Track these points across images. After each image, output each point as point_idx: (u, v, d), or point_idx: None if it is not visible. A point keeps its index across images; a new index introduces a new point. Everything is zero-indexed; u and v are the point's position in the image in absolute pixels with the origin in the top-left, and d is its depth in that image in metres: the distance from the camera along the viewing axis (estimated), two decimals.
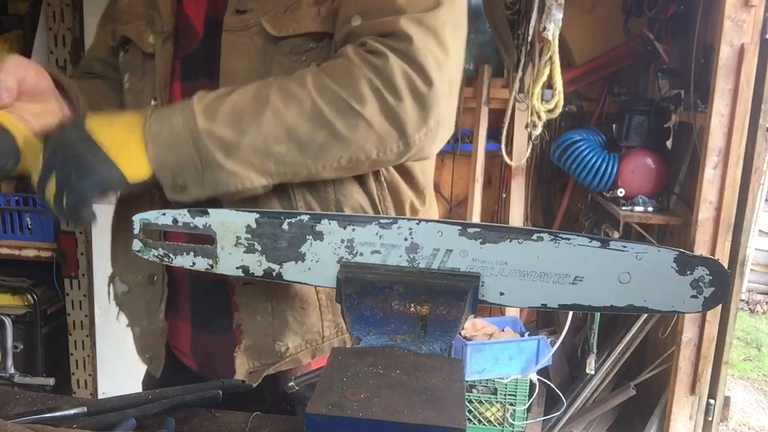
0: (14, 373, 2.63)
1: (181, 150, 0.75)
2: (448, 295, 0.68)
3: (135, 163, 0.75)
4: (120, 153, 0.74)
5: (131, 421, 0.70)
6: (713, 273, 0.68)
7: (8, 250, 2.60)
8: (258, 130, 0.75)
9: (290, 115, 0.76)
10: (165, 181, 0.76)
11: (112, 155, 0.74)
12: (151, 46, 0.90)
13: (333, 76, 0.77)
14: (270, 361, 0.90)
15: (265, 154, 0.76)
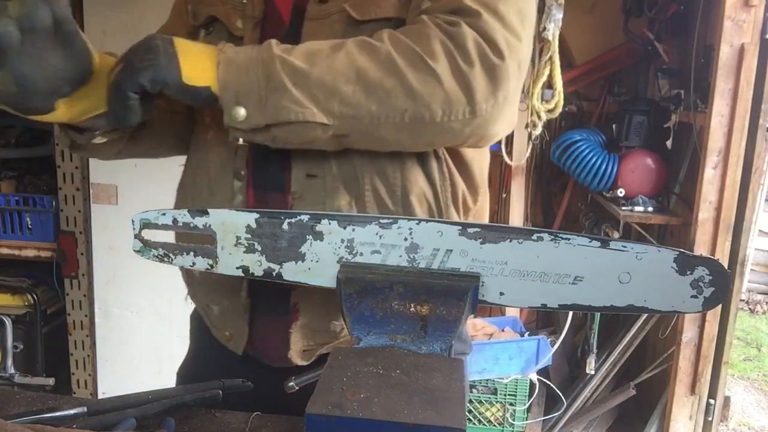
0: (14, 373, 2.63)
1: (250, 74, 0.76)
2: (448, 295, 0.68)
3: (198, 71, 0.76)
4: (187, 58, 0.76)
5: (131, 421, 0.70)
6: (713, 273, 0.68)
7: (8, 250, 2.60)
8: (329, 66, 0.76)
9: (362, 59, 0.77)
10: (227, 102, 0.76)
11: (180, 56, 0.76)
12: (240, 30, 0.91)
13: (408, 34, 0.79)
14: (324, 340, 0.91)
15: (331, 92, 0.76)
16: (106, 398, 0.78)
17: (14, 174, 2.72)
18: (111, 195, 2.52)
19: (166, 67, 0.74)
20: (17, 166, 2.78)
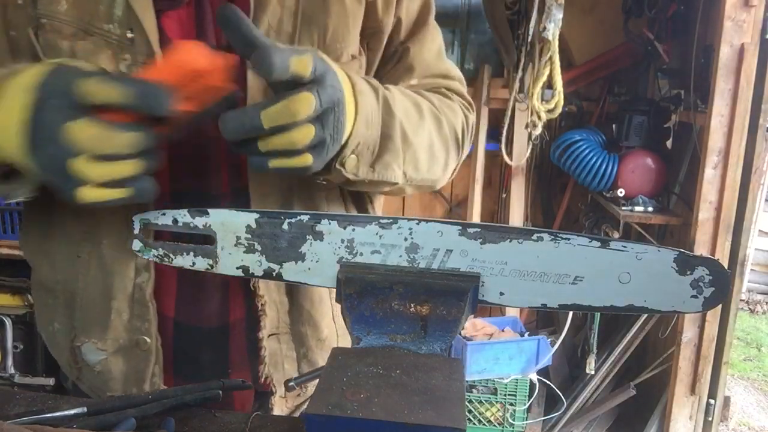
0: (14, 373, 2.63)
1: (371, 128, 0.76)
2: (448, 295, 0.68)
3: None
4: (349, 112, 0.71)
5: (131, 421, 0.70)
6: (713, 273, 0.68)
7: (8, 250, 2.60)
8: (419, 135, 0.82)
9: (434, 132, 0.86)
10: (346, 149, 0.74)
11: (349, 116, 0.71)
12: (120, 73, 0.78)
13: (450, 111, 0.92)
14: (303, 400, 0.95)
15: (416, 159, 0.82)
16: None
17: None
18: None
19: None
20: None
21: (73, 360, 0.90)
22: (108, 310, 0.85)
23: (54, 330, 0.91)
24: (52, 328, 0.91)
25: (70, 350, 0.90)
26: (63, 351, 0.91)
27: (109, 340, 0.87)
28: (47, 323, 0.92)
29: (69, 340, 0.89)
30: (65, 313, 0.89)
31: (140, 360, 0.87)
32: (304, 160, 0.67)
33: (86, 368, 0.90)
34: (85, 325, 0.88)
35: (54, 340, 0.92)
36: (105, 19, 0.77)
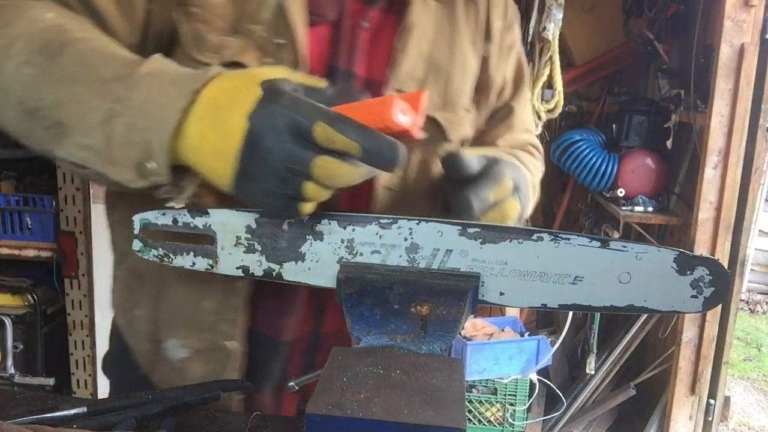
0: (14, 373, 2.63)
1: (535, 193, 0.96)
2: (448, 295, 0.68)
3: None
4: None
5: (131, 421, 0.70)
6: (713, 273, 0.68)
7: (8, 250, 2.59)
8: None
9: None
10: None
11: None
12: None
13: (537, 174, 0.97)
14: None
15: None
16: (106, 398, 0.78)
17: (14, 174, 2.72)
18: None
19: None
20: (17, 166, 2.77)
21: (151, 351, 0.88)
22: (198, 310, 0.84)
23: (134, 316, 0.88)
24: (132, 314, 0.88)
25: (151, 341, 0.87)
26: (141, 340, 0.88)
27: (194, 340, 0.85)
28: (128, 308, 0.89)
29: (150, 331, 0.87)
30: (150, 303, 0.86)
31: (220, 364, 0.85)
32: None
33: (164, 363, 0.87)
34: (172, 320, 0.85)
35: (132, 326, 0.89)
36: (251, 19, 0.76)
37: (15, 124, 0.67)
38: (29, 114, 0.65)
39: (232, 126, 0.59)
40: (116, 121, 0.61)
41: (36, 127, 0.65)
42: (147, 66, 0.64)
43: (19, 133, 0.68)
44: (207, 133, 0.60)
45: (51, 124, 0.63)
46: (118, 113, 0.61)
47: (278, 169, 0.59)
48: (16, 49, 0.65)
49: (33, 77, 0.64)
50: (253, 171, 0.60)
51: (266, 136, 0.58)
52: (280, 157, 0.59)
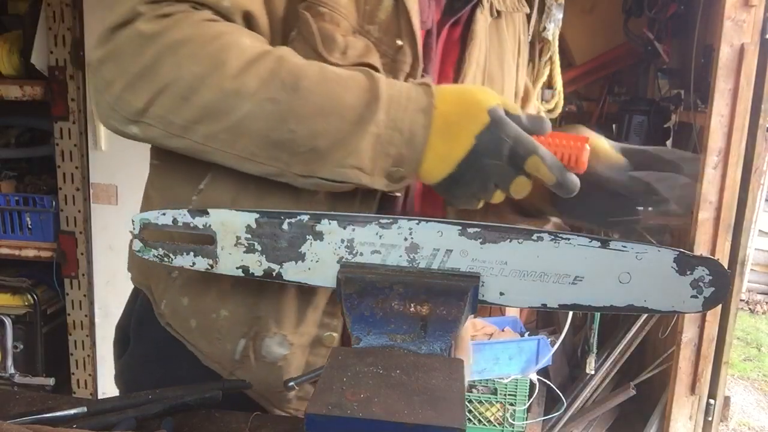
0: (14, 373, 2.63)
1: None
2: (448, 295, 0.68)
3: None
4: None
5: (131, 421, 0.70)
6: (713, 273, 0.68)
7: (8, 250, 2.60)
8: None
9: None
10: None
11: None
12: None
13: None
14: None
15: None
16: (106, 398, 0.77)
17: (14, 174, 2.72)
18: (111, 195, 2.53)
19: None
20: (17, 166, 2.78)
21: (241, 350, 0.86)
22: (307, 303, 0.84)
23: (218, 318, 0.86)
24: (216, 315, 0.86)
25: (243, 341, 0.86)
26: (224, 341, 0.86)
27: (299, 334, 0.86)
28: (208, 311, 0.86)
29: (242, 331, 0.86)
30: (246, 303, 0.85)
31: (318, 357, 0.87)
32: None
33: (256, 362, 0.86)
34: (278, 316, 0.85)
35: (213, 329, 0.86)
36: (369, 20, 0.81)
37: (247, 151, 0.73)
38: (275, 144, 0.73)
39: (461, 142, 0.73)
40: (376, 141, 0.73)
41: (281, 153, 0.73)
42: (383, 90, 0.74)
43: (248, 156, 0.74)
44: (437, 144, 0.74)
45: (305, 151, 0.72)
46: (378, 135, 0.72)
47: (486, 181, 0.74)
48: (252, 88, 0.71)
49: (279, 113, 0.72)
50: (465, 178, 0.74)
51: (487, 155, 0.73)
52: (492, 174, 0.73)
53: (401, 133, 0.73)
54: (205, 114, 0.72)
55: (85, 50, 2.41)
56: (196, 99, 0.71)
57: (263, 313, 0.85)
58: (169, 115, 0.72)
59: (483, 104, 0.73)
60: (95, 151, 2.49)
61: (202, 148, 0.74)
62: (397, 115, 0.73)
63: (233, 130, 0.72)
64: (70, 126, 2.47)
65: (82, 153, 2.50)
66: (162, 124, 0.73)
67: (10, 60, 2.49)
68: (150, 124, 0.73)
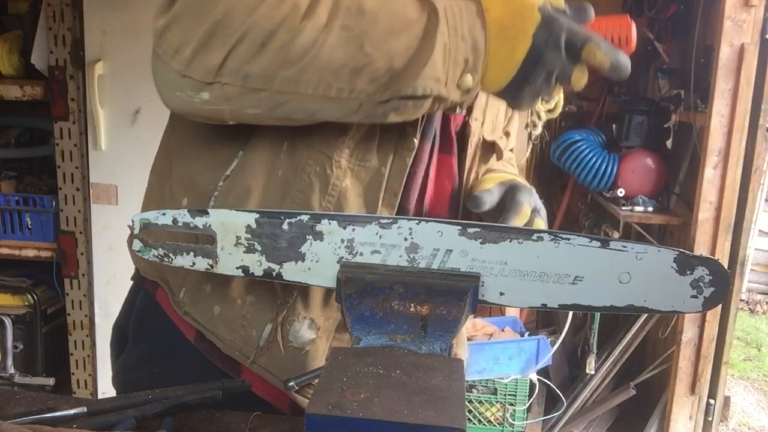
0: (14, 373, 2.63)
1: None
2: (448, 295, 0.68)
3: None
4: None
5: (131, 421, 0.70)
6: (713, 273, 0.68)
7: (8, 250, 2.60)
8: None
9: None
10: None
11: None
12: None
13: None
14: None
15: None
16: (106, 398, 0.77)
17: (14, 174, 2.73)
18: (111, 195, 2.53)
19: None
20: (17, 166, 2.78)
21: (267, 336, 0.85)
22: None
23: (244, 303, 0.86)
24: (242, 301, 0.86)
25: (269, 326, 0.85)
26: (249, 328, 0.86)
27: (326, 318, 0.86)
28: (233, 297, 0.86)
29: (269, 316, 0.85)
30: (275, 288, 0.85)
31: (342, 342, 0.87)
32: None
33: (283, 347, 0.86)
34: (306, 299, 0.85)
35: (238, 315, 0.86)
36: None
37: (328, 87, 0.72)
38: (354, 72, 0.72)
39: (520, 43, 0.74)
40: (446, 51, 0.73)
41: (360, 81, 0.72)
42: (437, 2, 0.75)
43: (327, 94, 0.73)
44: (497, 48, 0.75)
45: (382, 74, 0.72)
46: (445, 45, 0.73)
47: (548, 76, 0.75)
48: (324, 19, 0.71)
49: (353, 39, 0.72)
50: (528, 77, 0.75)
51: (546, 51, 0.74)
52: (554, 68, 0.74)
53: (464, 40, 0.74)
54: (283, 56, 0.70)
55: (85, 50, 2.41)
56: (273, 42, 0.70)
57: (291, 297, 0.85)
58: (247, 66, 0.70)
59: (531, 2, 0.75)
60: (95, 151, 2.50)
61: (282, 98, 0.72)
62: (456, 24, 0.74)
63: (313, 65, 0.71)
64: (70, 126, 2.47)
65: (82, 153, 2.50)
66: (240, 79, 0.71)
67: (10, 60, 2.49)
68: (226, 82, 0.71)
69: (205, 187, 0.85)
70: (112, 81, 2.42)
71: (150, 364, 0.93)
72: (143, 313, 0.94)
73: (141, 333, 0.95)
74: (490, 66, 0.75)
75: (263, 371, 0.87)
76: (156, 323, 0.92)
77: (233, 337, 0.86)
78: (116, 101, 2.44)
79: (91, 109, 2.43)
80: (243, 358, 0.87)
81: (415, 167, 0.87)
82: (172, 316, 0.90)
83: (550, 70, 0.75)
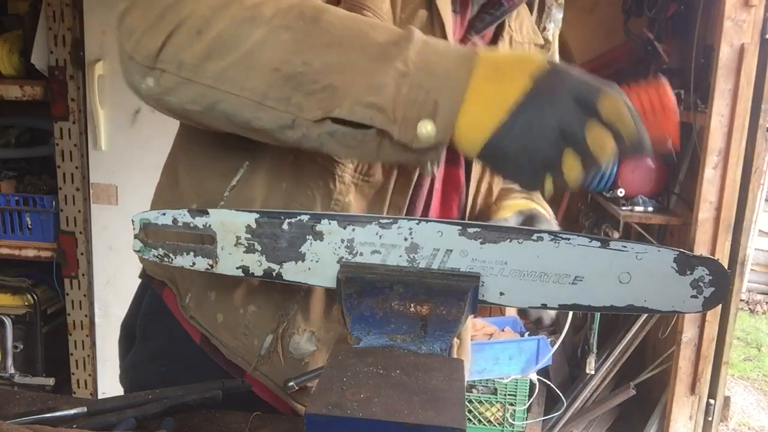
0: (14, 373, 2.63)
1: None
2: (448, 295, 0.68)
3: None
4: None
5: (131, 421, 0.70)
6: (713, 273, 0.68)
7: (8, 250, 2.60)
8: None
9: None
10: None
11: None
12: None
13: None
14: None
15: None
16: (106, 398, 0.77)
17: (14, 174, 2.73)
18: (111, 195, 2.53)
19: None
20: (17, 166, 2.78)
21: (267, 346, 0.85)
22: (333, 299, 0.84)
23: (246, 313, 0.85)
24: (244, 310, 0.85)
25: (270, 337, 0.85)
26: (250, 337, 0.86)
27: (326, 330, 0.86)
28: (236, 306, 0.86)
29: (270, 326, 0.85)
30: (274, 299, 0.84)
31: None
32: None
33: (283, 358, 0.86)
34: (306, 312, 0.84)
35: (240, 324, 0.86)
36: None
37: (258, 91, 0.66)
38: (287, 79, 0.64)
39: (514, 82, 0.60)
40: (402, 81, 0.62)
41: (293, 93, 0.65)
42: (418, 34, 0.65)
43: (259, 99, 0.66)
44: (484, 88, 0.61)
45: (319, 88, 0.64)
46: (405, 74, 0.62)
47: (549, 128, 0.59)
48: (267, 16, 0.65)
49: (294, 42, 0.64)
50: (520, 125, 0.59)
51: (548, 94, 0.59)
52: (557, 115, 0.58)
53: (434, 76, 0.62)
54: (216, 46, 0.66)
55: (85, 50, 2.41)
56: (209, 31, 0.66)
57: (292, 310, 0.85)
58: (181, 54, 0.67)
59: (535, 55, 0.66)
60: (95, 151, 2.49)
61: (212, 94, 0.67)
62: (430, 58, 0.63)
63: (243, 62, 0.65)
64: (70, 126, 2.47)
65: (82, 153, 2.50)
66: (175, 67, 0.67)
67: (10, 60, 2.49)
68: (164, 69, 0.68)
69: (212, 195, 0.85)
70: (112, 81, 2.42)
71: (157, 363, 0.93)
72: (150, 313, 0.95)
73: (148, 332, 0.95)
74: (470, 107, 0.61)
75: (265, 378, 0.87)
76: (163, 323, 0.92)
77: (236, 344, 0.87)
78: (116, 101, 2.44)
79: (91, 109, 2.43)
80: (246, 365, 0.87)
81: (420, 181, 0.86)
82: (179, 317, 0.90)
83: (556, 123, 0.58)
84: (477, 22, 0.88)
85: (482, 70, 0.62)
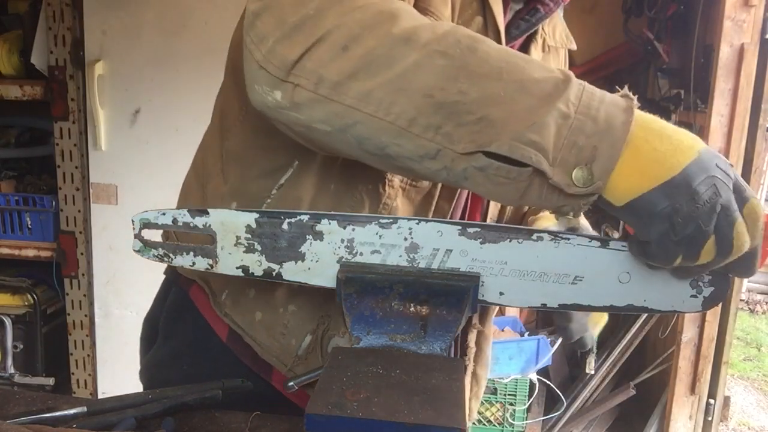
0: (14, 373, 2.63)
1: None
2: (448, 295, 0.68)
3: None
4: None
5: (131, 421, 0.70)
6: (713, 273, 0.68)
7: (8, 250, 2.60)
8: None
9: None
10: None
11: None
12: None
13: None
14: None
15: None
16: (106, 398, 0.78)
17: (14, 174, 2.73)
18: (111, 195, 2.53)
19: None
20: (17, 166, 2.78)
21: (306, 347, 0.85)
22: None
23: (286, 312, 0.84)
24: (284, 309, 0.84)
25: (309, 337, 0.85)
26: (289, 337, 0.85)
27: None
28: (276, 305, 0.85)
29: (310, 327, 0.84)
30: (315, 299, 0.83)
31: None
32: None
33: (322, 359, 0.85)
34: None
35: (279, 323, 0.85)
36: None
37: (405, 117, 0.62)
38: (439, 107, 0.61)
39: (686, 145, 0.60)
40: (563, 123, 0.60)
41: (444, 122, 0.61)
42: (575, 79, 0.64)
43: (404, 126, 0.62)
44: (645, 142, 0.60)
45: (473, 120, 0.60)
46: (566, 116, 0.60)
47: (711, 205, 0.58)
48: (423, 40, 0.62)
49: (450, 69, 0.61)
50: (684, 191, 0.58)
51: (716, 172, 0.58)
52: (724, 196, 0.58)
53: (595, 122, 0.60)
54: (364, 64, 0.62)
55: (85, 50, 2.41)
56: (357, 48, 0.62)
57: (333, 312, 0.85)
58: (322, 69, 0.62)
59: (692, 138, 0.62)
60: (95, 151, 2.49)
61: (350, 115, 0.63)
62: (591, 103, 0.61)
63: (393, 84, 0.61)
64: (70, 126, 2.47)
65: (82, 153, 2.50)
66: (312, 82, 0.63)
67: (10, 60, 2.49)
68: (298, 84, 0.64)
69: (258, 194, 0.84)
70: (112, 81, 2.42)
71: (180, 361, 0.93)
72: (175, 310, 0.94)
73: (172, 329, 0.95)
74: (629, 160, 0.59)
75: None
76: (188, 320, 0.92)
77: (272, 343, 0.86)
78: (116, 101, 2.44)
79: (91, 109, 2.43)
80: (280, 365, 0.87)
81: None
82: (206, 313, 0.90)
83: (718, 202, 0.57)
84: (513, 28, 0.87)
85: (642, 122, 0.61)
